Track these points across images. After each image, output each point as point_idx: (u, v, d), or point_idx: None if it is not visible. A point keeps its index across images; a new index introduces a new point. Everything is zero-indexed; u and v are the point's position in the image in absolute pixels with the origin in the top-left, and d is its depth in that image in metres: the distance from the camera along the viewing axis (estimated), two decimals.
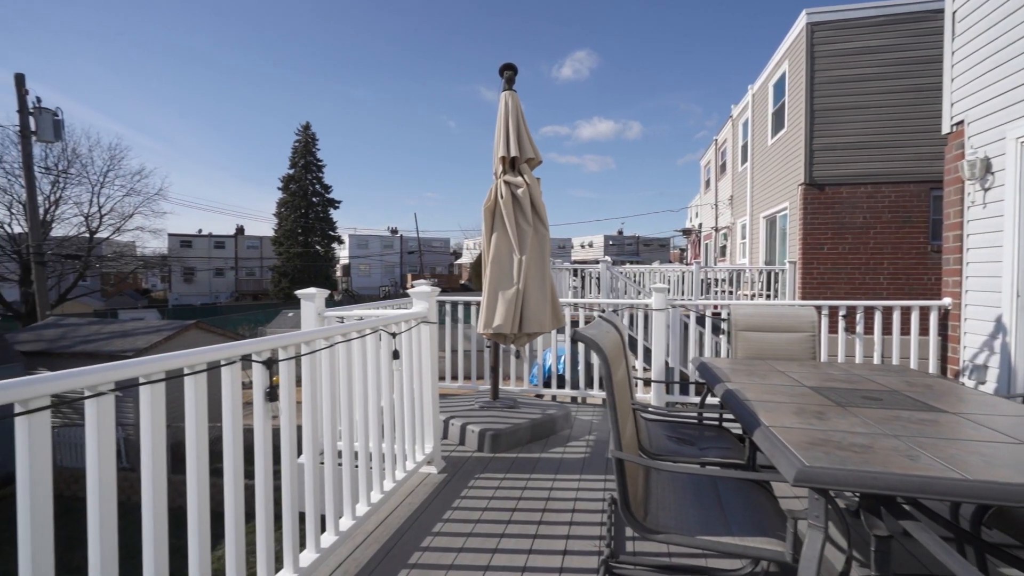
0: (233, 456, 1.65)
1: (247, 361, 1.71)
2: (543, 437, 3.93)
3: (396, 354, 2.73)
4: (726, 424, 2.78)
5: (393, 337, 2.72)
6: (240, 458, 1.68)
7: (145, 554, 1.35)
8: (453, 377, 4.93)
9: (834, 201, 9.29)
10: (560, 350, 8.19)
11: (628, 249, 49.27)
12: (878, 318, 4.31)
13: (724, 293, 11.19)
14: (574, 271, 10.56)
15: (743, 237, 14.42)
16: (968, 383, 3.86)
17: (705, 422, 2.87)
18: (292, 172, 41.01)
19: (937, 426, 1.61)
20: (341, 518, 2.28)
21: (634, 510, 1.60)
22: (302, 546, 2.03)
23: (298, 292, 3.40)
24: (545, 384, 9.15)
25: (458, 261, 55.84)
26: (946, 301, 4.19)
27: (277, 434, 1.93)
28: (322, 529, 2.16)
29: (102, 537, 1.23)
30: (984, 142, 3.83)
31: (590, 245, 49.96)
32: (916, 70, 8.99)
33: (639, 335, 7.03)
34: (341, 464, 2.30)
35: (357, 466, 2.42)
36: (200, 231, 43.31)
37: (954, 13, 4.17)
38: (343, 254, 46.88)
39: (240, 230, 45.46)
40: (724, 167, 17.36)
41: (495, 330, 3.75)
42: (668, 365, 4.70)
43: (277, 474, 1.86)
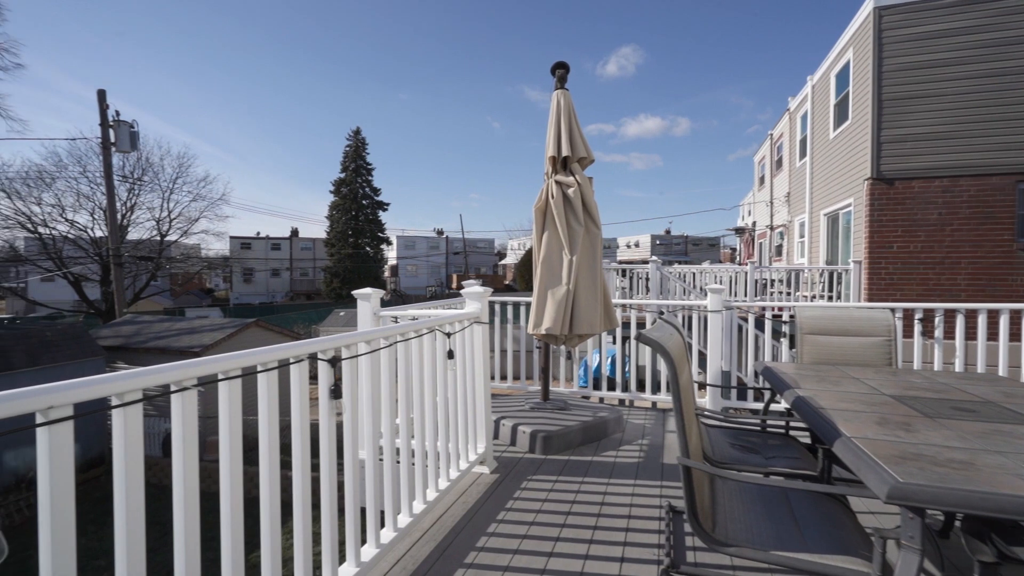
0: (301, 450, 1.70)
1: (313, 360, 1.76)
2: (594, 440, 3.87)
3: (451, 354, 2.75)
4: (792, 432, 2.65)
5: (448, 337, 2.75)
6: (307, 452, 1.73)
7: (223, 539, 1.41)
8: (502, 377, 4.95)
9: (905, 196, 8.69)
10: (609, 351, 8.08)
11: (676, 249, 48.03)
12: (960, 322, 3.98)
13: (781, 294, 10.70)
14: (622, 271, 10.38)
15: (801, 236, 13.75)
16: None
17: (769, 429, 2.74)
18: (343, 176, 42.47)
19: None
20: (399, 514, 2.32)
21: (702, 520, 1.54)
22: (362, 540, 2.08)
23: (355, 292, 3.49)
24: (592, 386, 9.07)
25: (502, 262, 56.13)
26: None
27: (337, 430, 1.98)
28: (380, 525, 2.20)
29: (187, 520, 1.29)
30: None
31: (636, 245, 49.04)
32: (998, 53, 8.28)
33: (693, 338, 6.82)
34: (399, 461, 2.34)
35: (414, 464, 2.45)
36: (258, 233, 45.56)
37: None
38: (391, 255, 48.12)
39: (295, 232, 47.49)
40: (780, 162, 16.61)
41: (545, 331, 3.73)
42: (723, 369, 4.53)
43: (339, 469, 1.91)
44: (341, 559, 1.95)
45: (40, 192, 23.98)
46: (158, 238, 27.32)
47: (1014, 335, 3.90)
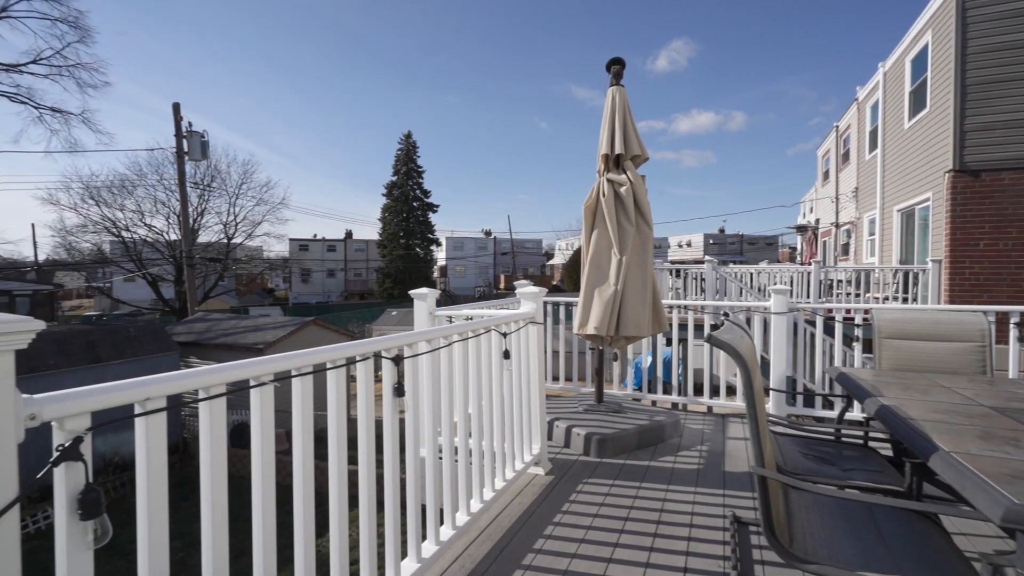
0: (367, 446, 1.74)
1: (378, 358, 1.80)
2: (651, 444, 3.76)
3: (507, 354, 2.75)
4: (871, 444, 2.47)
5: (504, 337, 2.75)
6: (372, 448, 1.77)
7: (296, 527, 1.46)
8: (553, 378, 4.91)
9: (993, 189, 7.97)
10: (664, 353, 7.83)
11: (731, 248, 46.26)
12: None
13: (849, 296, 10.07)
14: (676, 271, 10.09)
15: (871, 233, 12.89)
16: None
17: (844, 439, 2.57)
18: (395, 179, 43.66)
19: None
20: (457, 512, 2.33)
21: (778, 534, 1.45)
22: (423, 537, 2.10)
23: (412, 292, 3.56)
24: (640, 388, 8.86)
25: (550, 262, 55.95)
26: None
27: (399, 427, 2.01)
28: (439, 522, 2.22)
29: (263, 511, 1.34)
30: None
31: (688, 244, 47.61)
32: None
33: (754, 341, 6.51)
34: (457, 460, 2.35)
35: (471, 463, 2.46)
36: (315, 235, 47.53)
37: None
38: (440, 256, 49.00)
39: (349, 234, 49.22)
40: (847, 156, 15.66)
41: (591, 332, 3.66)
42: (785, 375, 4.30)
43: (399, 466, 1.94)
44: (403, 554, 1.98)
45: (123, 199, 26.08)
46: (225, 241, 29.05)
47: None
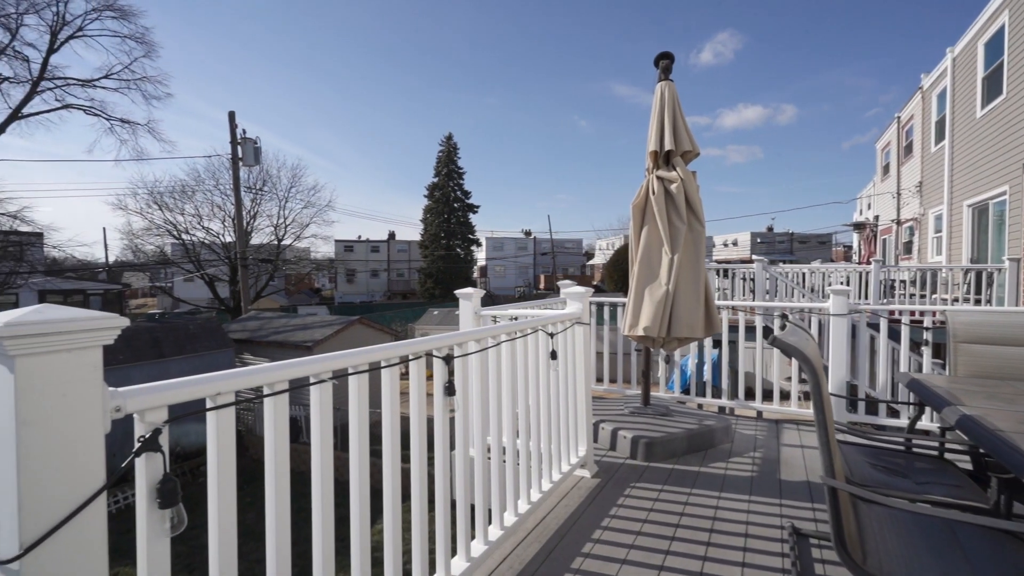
0: (419, 444, 1.76)
1: (429, 357, 1.82)
2: (700, 449, 3.65)
3: (554, 354, 2.72)
4: (948, 455, 2.30)
5: (551, 337, 2.72)
6: (424, 445, 1.79)
7: (352, 519, 1.49)
8: (598, 379, 4.84)
9: None
10: (712, 356, 7.61)
11: (780, 247, 44.46)
12: None
13: (913, 297, 9.47)
14: (723, 271, 9.77)
15: (937, 230, 12.09)
16: None
17: (915, 450, 2.40)
18: (436, 180, 44.34)
19: None
20: (504, 513, 2.33)
21: (850, 549, 1.36)
22: (471, 536, 2.11)
23: (457, 292, 3.59)
24: (685, 391, 8.62)
25: (590, 262, 55.43)
26: None
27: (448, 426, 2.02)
28: (487, 522, 2.22)
29: (323, 503, 1.37)
30: None
31: (734, 243, 46.08)
32: None
33: None
34: (505, 460, 2.35)
35: (518, 463, 2.45)
36: (359, 237, 48.89)
37: None
38: (480, 256, 49.39)
39: (392, 235, 50.35)
40: (909, 148, 14.75)
41: (642, 333, 3.58)
42: (845, 380, 4.08)
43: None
44: (452, 552, 1.99)
45: (183, 204, 27.61)
46: (275, 242, 30.27)
47: None
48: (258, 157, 20.45)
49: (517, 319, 3.53)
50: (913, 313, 4.76)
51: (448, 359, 1.89)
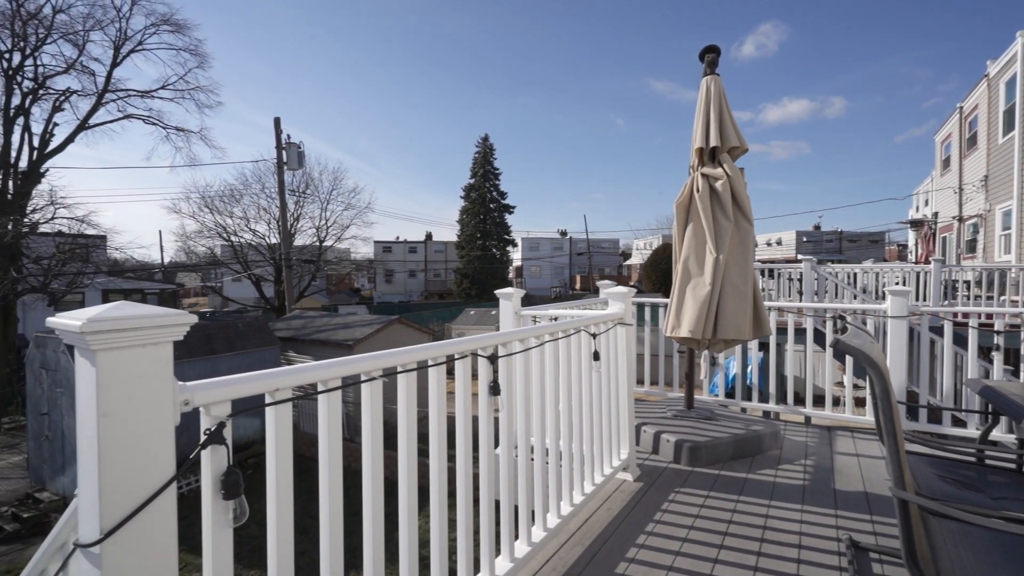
0: (464, 443, 1.77)
1: (475, 356, 1.82)
2: (747, 455, 3.53)
3: (596, 355, 2.69)
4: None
5: (593, 338, 2.69)
6: (470, 445, 1.79)
7: (401, 517, 1.51)
8: (638, 381, 4.75)
9: None
10: (749, 359, 7.35)
11: (828, 246, 42.59)
12: None
13: (978, 299, 8.88)
14: (768, 271, 9.43)
15: (1005, 227, 11.31)
16: None
17: (989, 463, 2.25)
18: (472, 181, 44.69)
19: None
20: (547, 514, 2.31)
21: (923, 567, 1.28)
22: (515, 536, 2.10)
23: (498, 292, 3.59)
24: (728, 394, 8.35)
25: (627, 262, 54.65)
26: None
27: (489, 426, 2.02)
28: (530, 522, 2.21)
29: (374, 500, 1.39)
30: None
31: (778, 243, 44.44)
32: None
33: None
34: (548, 461, 2.33)
35: (561, 465, 2.43)
36: (397, 238, 49.79)
37: None
38: (516, 256, 49.47)
39: (429, 236, 51.06)
40: (974, 140, 13.86)
41: (686, 335, 3.49)
42: (904, 387, 3.85)
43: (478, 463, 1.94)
44: (496, 551, 1.98)
45: (232, 207, 28.82)
46: (317, 243, 31.20)
47: None
48: (302, 161, 21.15)
49: (557, 319, 3.50)
50: (981, 316, 4.44)
51: (493, 359, 1.89)
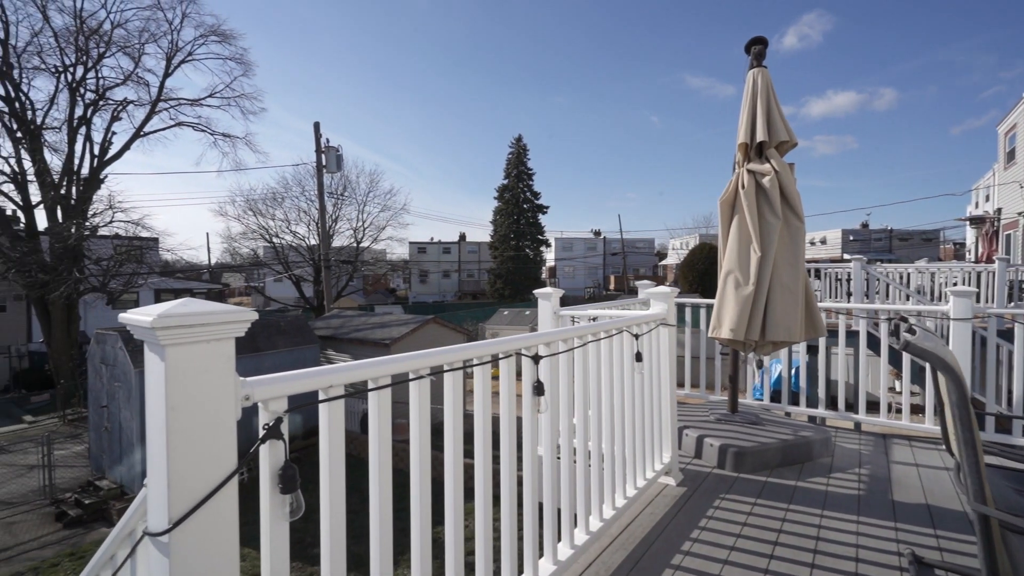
0: (509, 443, 1.75)
1: (519, 356, 1.81)
2: (796, 462, 3.39)
3: (639, 356, 2.63)
4: None
5: (636, 339, 2.63)
6: (514, 445, 1.78)
7: (447, 516, 1.51)
8: (679, 384, 4.64)
9: None
10: (794, 361, 7.11)
11: (876, 245, 40.68)
12: None
13: None
14: (815, 271, 9.07)
15: None
16: None
17: None
18: (506, 182, 44.78)
19: None
20: (590, 517, 2.27)
21: None
22: (558, 538, 2.08)
23: (536, 292, 3.57)
24: (772, 398, 8.06)
25: (662, 262, 53.66)
26: None
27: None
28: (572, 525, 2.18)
29: (421, 499, 1.40)
30: None
31: (823, 242, 42.74)
32: None
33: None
34: (590, 464, 2.29)
35: (603, 467, 2.39)
36: (432, 239, 50.42)
37: None
38: (549, 256, 49.31)
39: (462, 237, 51.48)
40: None
41: (728, 336, 3.38)
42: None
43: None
44: (539, 553, 1.96)
45: (274, 209, 29.83)
46: (354, 244, 31.94)
47: None
48: (340, 164, 21.68)
49: (596, 319, 3.45)
50: None
51: (536, 359, 1.87)
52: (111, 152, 20.16)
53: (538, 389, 1.86)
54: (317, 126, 20.82)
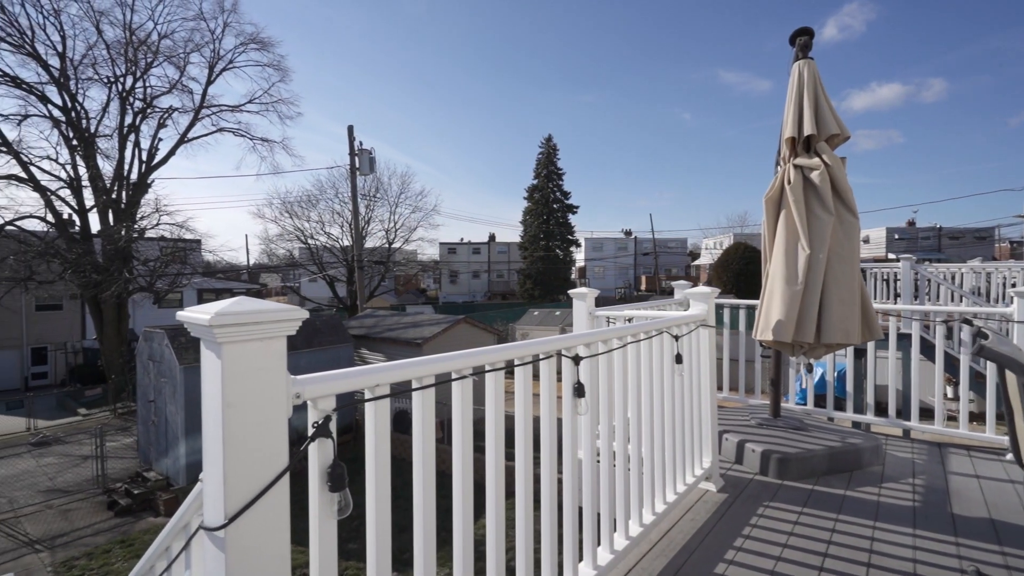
0: (549, 445, 1.73)
1: (560, 356, 1.78)
2: (844, 470, 3.25)
3: (679, 358, 2.57)
4: None
5: (676, 340, 2.57)
6: (554, 447, 1.76)
7: (488, 523, 1.49)
8: (718, 387, 4.52)
9: None
10: (839, 366, 6.84)
11: (924, 244, 38.85)
12: None
13: None
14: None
15: None
16: None
17: None
18: (536, 182, 44.73)
19: None
20: (629, 521, 2.23)
21: None
22: (597, 543, 2.04)
23: (571, 292, 3.54)
24: (817, 403, 7.77)
25: (695, 263, 52.60)
26: None
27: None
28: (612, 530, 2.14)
29: (464, 501, 1.39)
30: None
31: (865, 241, 41.09)
32: None
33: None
34: (630, 468, 2.25)
35: (642, 472, 2.34)
36: (462, 239, 50.81)
37: None
38: (579, 257, 49.00)
39: (492, 237, 51.69)
40: None
41: (773, 338, 3.26)
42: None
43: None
44: (579, 557, 1.93)
45: (309, 211, 30.61)
46: (386, 245, 32.46)
47: None
48: (373, 166, 22.09)
49: (632, 320, 3.39)
50: None
51: (576, 360, 1.84)
52: (157, 157, 21.11)
53: (578, 391, 1.83)
54: (351, 129, 21.26)
